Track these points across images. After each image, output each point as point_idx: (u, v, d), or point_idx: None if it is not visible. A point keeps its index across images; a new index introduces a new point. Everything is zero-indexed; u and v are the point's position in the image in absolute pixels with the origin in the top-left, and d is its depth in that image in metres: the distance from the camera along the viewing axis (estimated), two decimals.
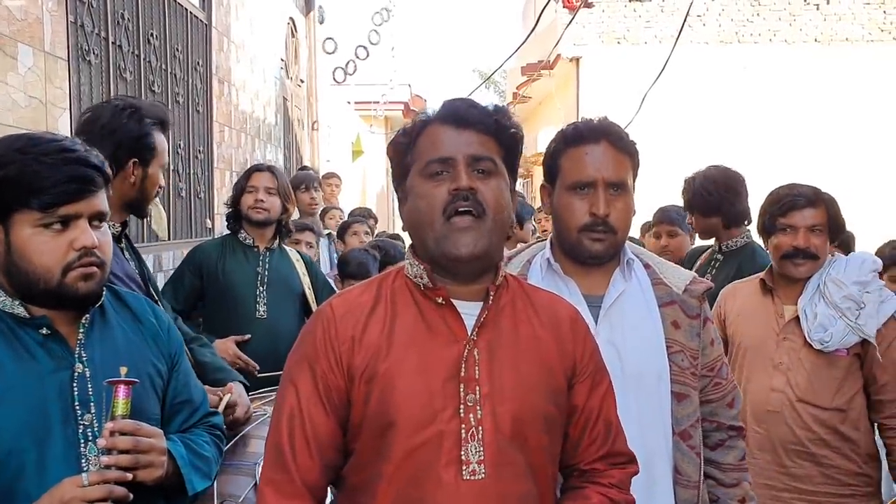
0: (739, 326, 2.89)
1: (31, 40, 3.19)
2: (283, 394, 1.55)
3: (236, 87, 6.86)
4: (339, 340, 1.51)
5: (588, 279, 1.93)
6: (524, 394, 1.51)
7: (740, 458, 2.02)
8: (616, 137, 1.90)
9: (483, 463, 1.46)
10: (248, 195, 3.63)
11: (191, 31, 5.70)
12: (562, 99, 14.84)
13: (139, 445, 1.58)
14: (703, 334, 1.96)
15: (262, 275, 3.61)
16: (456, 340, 1.51)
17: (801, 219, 2.72)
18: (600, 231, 1.87)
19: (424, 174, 1.52)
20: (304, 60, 10.44)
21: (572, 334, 1.62)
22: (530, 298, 1.63)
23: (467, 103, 1.56)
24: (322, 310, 1.57)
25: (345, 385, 1.50)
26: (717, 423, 2.01)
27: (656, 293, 1.94)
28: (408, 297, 1.55)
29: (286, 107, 9.14)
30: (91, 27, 3.93)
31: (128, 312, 1.80)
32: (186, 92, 5.60)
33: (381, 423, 1.47)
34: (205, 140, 6.03)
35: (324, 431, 1.50)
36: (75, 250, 1.60)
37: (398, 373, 1.48)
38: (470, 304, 1.54)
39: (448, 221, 1.49)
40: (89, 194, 1.62)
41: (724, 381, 2.02)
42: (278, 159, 8.55)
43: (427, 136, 1.55)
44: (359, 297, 1.57)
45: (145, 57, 4.77)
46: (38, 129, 3.25)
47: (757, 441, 2.75)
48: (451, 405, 1.47)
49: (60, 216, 1.59)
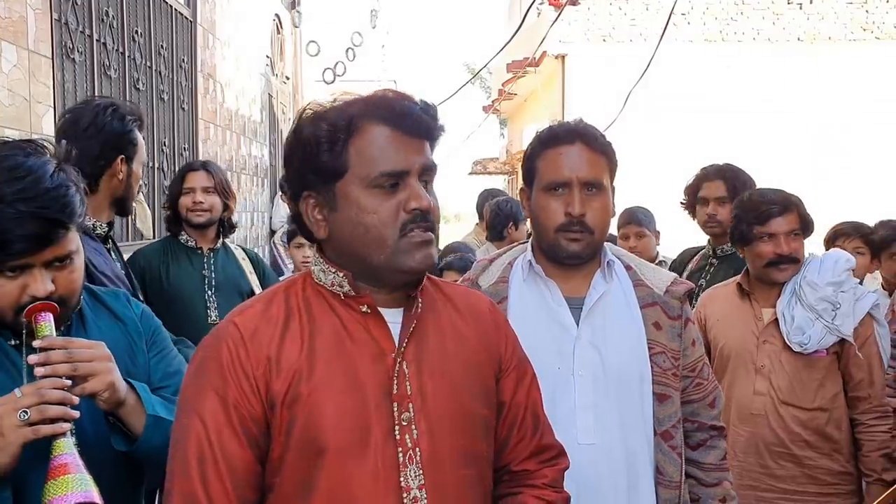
0: (720, 331, 2.91)
1: (15, 38, 3.17)
2: (186, 431, 1.32)
3: (221, 85, 6.84)
4: (253, 363, 1.32)
5: (569, 281, 1.94)
6: (459, 402, 1.40)
7: (721, 457, 2.03)
8: (591, 138, 1.91)
9: (424, 488, 1.34)
10: (186, 197, 3.48)
11: (176, 29, 5.68)
12: (547, 96, 14.87)
13: (73, 355, 1.48)
14: (684, 335, 1.97)
15: (210, 278, 3.50)
16: (383, 354, 1.37)
17: (779, 226, 2.74)
18: (576, 231, 1.88)
19: (372, 185, 1.34)
20: (290, 57, 10.42)
21: (494, 327, 1.53)
22: (447, 296, 1.51)
23: (417, 106, 1.38)
24: (224, 329, 1.36)
25: (262, 412, 1.32)
26: (698, 424, 2.02)
27: (637, 294, 1.95)
28: (324, 308, 1.39)
29: (272, 104, 9.12)
30: (75, 24, 3.92)
31: (106, 313, 1.76)
32: (171, 89, 5.58)
33: (307, 451, 1.31)
34: (190, 138, 6.01)
35: (241, 467, 1.31)
36: (28, 295, 1.52)
37: (324, 394, 1.32)
38: (392, 311, 1.40)
39: (404, 237, 1.35)
40: (50, 245, 1.52)
41: (705, 382, 2.03)
42: (263, 156, 8.54)
43: (370, 138, 1.35)
44: (266, 312, 1.38)
45: (130, 54, 4.75)
46: (23, 127, 3.24)
47: (741, 443, 2.77)
48: (386, 427, 1.33)
49: (10, 267, 1.50)
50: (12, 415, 1.42)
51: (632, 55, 11.26)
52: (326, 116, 1.37)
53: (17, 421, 1.41)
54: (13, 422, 1.41)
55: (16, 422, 1.41)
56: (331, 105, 1.39)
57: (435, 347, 1.42)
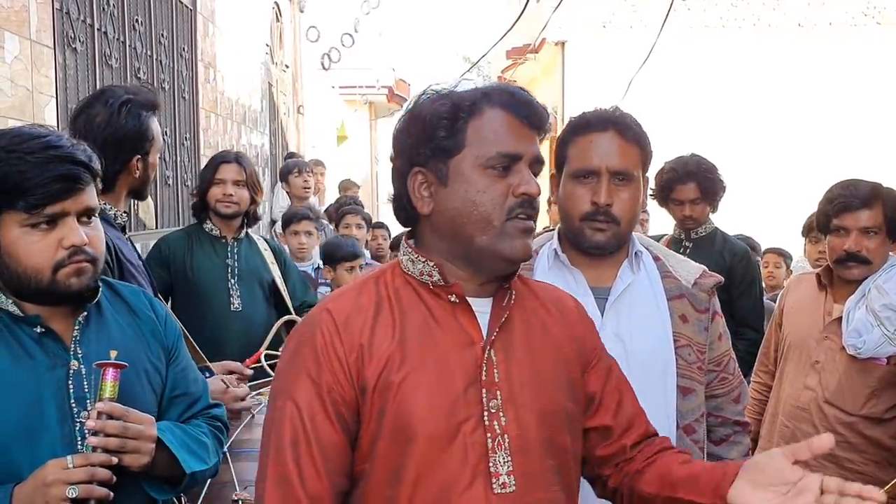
0: (791, 319, 2.83)
1: (17, 28, 3.15)
2: (281, 414, 1.36)
3: (222, 74, 6.80)
4: (346, 349, 1.36)
5: (595, 271, 1.91)
6: (545, 392, 1.42)
7: (744, 453, 2.01)
8: (624, 127, 1.87)
9: (512, 474, 1.35)
10: (216, 188, 3.51)
11: (176, 17, 5.65)
12: (547, 83, 14.81)
13: (127, 430, 1.55)
14: (711, 328, 1.94)
15: (233, 267, 3.53)
16: (472, 342, 1.39)
17: (854, 221, 2.61)
18: (602, 220, 1.84)
19: (487, 164, 1.38)
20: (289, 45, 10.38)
21: (581, 322, 1.56)
22: (532, 290, 1.55)
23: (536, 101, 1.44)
24: (318, 316, 1.40)
25: (354, 398, 1.35)
26: (722, 419, 2.00)
27: (665, 286, 1.91)
28: (413, 297, 1.42)
29: (271, 92, 9.09)
30: (76, 14, 3.89)
31: (124, 307, 1.78)
32: (172, 79, 5.55)
33: (398, 439, 1.34)
34: (191, 127, 5.99)
35: (334, 451, 1.35)
36: (64, 248, 1.57)
37: (415, 383, 1.35)
38: (480, 300, 1.43)
39: (509, 220, 1.38)
40: (76, 192, 1.58)
41: (730, 377, 2.00)
42: (263, 145, 8.51)
43: (490, 119, 1.39)
44: (357, 300, 1.41)
45: (131, 44, 4.72)
46: (25, 117, 3.22)
47: (785, 435, 2.72)
48: (475, 413, 1.36)
49: (47, 216, 1.56)
50: (61, 487, 1.47)
51: (632, 42, 11.21)
52: (450, 96, 1.41)
53: (63, 494, 1.46)
54: (60, 494, 1.46)
55: (62, 495, 1.46)
56: (454, 87, 1.44)
57: (521, 338, 1.44)
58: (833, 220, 2.66)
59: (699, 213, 3.73)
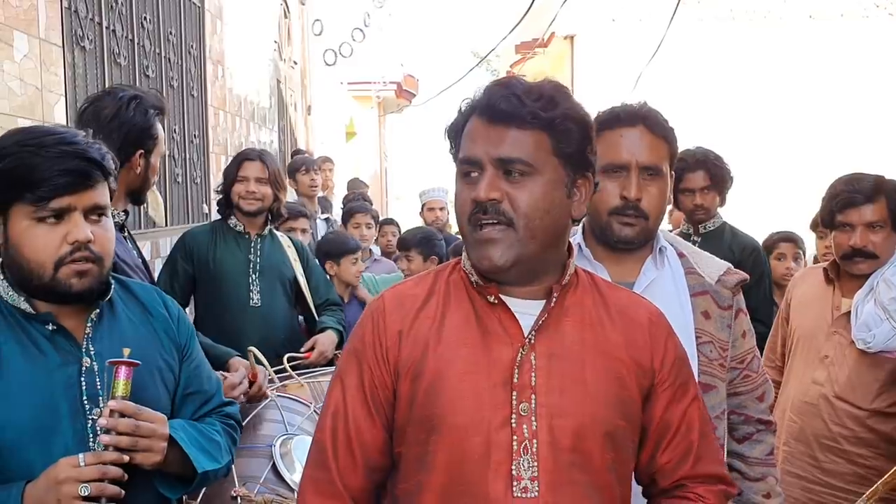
0: (798, 314, 2.81)
1: (26, 27, 3.16)
2: (332, 389, 1.47)
3: (230, 71, 6.81)
4: (387, 334, 1.41)
5: (619, 266, 1.90)
6: (589, 406, 1.37)
7: (768, 452, 1.99)
8: (653, 122, 1.87)
9: (536, 480, 1.33)
10: (239, 185, 3.55)
11: (184, 15, 5.65)
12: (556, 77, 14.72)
13: (139, 429, 1.56)
14: (734, 326, 1.93)
15: (255, 262, 3.55)
16: (511, 342, 1.37)
17: (859, 216, 2.59)
18: (631, 215, 1.84)
19: (459, 171, 1.42)
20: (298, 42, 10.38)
21: (651, 339, 1.46)
22: (604, 297, 1.48)
23: (505, 92, 1.36)
24: (374, 302, 1.49)
25: (391, 381, 1.41)
26: (745, 416, 1.98)
27: (688, 282, 1.90)
28: (462, 293, 1.44)
29: (280, 89, 9.09)
30: (85, 12, 3.90)
31: (137, 304, 1.78)
32: (180, 76, 5.55)
33: (425, 426, 1.36)
34: (200, 124, 5.99)
35: (367, 432, 1.41)
36: (68, 244, 1.57)
37: (445, 372, 1.36)
38: (529, 302, 1.41)
39: (474, 229, 1.38)
40: (84, 188, 1.59)
41: (754, 374, 1.98)
42: (272, 142, 8.52)
43: (467, 130, 1.41)
44: (412, 290, 1.47)
45: (139, 41, 4.73)
46: (35, 116, 3.23)
47: (793, 431, 2.70)
48: (502, 413, 1.34)
49: (53, 209, 1.56)
50: (73, 485, 1.48)
51: (641, 35, 11.16)
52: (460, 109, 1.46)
53: (75, 492, 1.48)
54: (72, 492, 1.48)
55: (74, 493, 1.48)
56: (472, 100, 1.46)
57: (572, 346, 1.40)
58: (837, 216, 2.64)
59: (710, 202, 3.70)
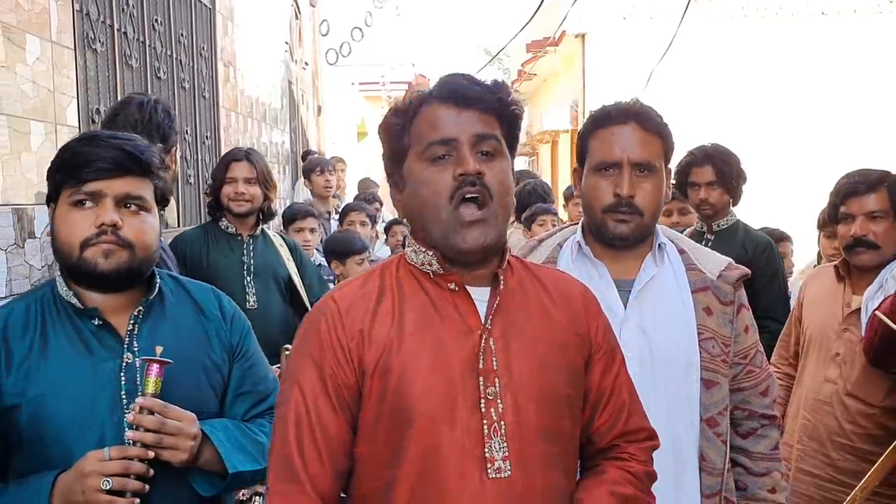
0: (809, 312, 2.81)
1: (38, 30, 3.18)
2: (287, 397, 1.44)
3: (242, 72, 6.83)
4: (348, 335, 1.42)
5: (619, 263, 1.91)
6: (544, 379, 1.44)
7: (772, 447, 1.99)
8: (645, 118, 1.88)
9: (508, 459, 1.38)
10: (228, 186, 3.54)
11: (195, 16, 5.67)
12: (567, 76, 14.74)
13: (164, 426, 1.60)
14: (736, 321, 1.93)
15: (248, 264, 3.53)
16: (470, 330, 1.42)
17: (859, 206, 2.60)
18: (625, 212, 1.85)
19: (425, 158, 1.43)
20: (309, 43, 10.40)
21: (585, 311, 1.55)
22: (537, 277, 1.56)
23: (468, 80, 1.46)
24: (324, 304, 1.48)
25: (356, 381, 1.41)
26: (749, 412, 1.98)
27: (689, 279, 1.91)
28: (415, 286, 1.47)
29: (291, 90, 9.11)
30: (96, 15, 3.92)
31: (191, 304, 1.83)
32: (192, 78, 5.58)
33: (397, 421, 1.39)
34: (211, 125, 6.02)
35: (335, 433, 1.41)
36: (95, 227, 1.65)
37: (413, 367, 1.39)
38: (479, 289, 1.46)
39: (455, 210, 1.40)
40: (115, 175, 1.67)
41: (757, 370, 1.98)
42: (284, 143, 8.54)
43: (425, 116, 1.45)
44: (362, 289, 1.48)
45: (150, 43, 4.75)
46: (47, 117, 3.25)
47: (807, 429, 2.69)
48: (471, 399, 1.39)
49: (86, 193, 1.66)
50: (97, 478, 1.54)
51: (653, 33, 11.12)
52: (396, 107, 1.50)
53: (98, 485, 1.53)
54: (95, 485, 1.54)
55: (97, 486, 1.53)
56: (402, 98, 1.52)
57: (522, 326, 1.47)
58: (840, 208, 2.66)
59: (716, 199, 3.68)
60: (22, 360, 1.65)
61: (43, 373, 1.64)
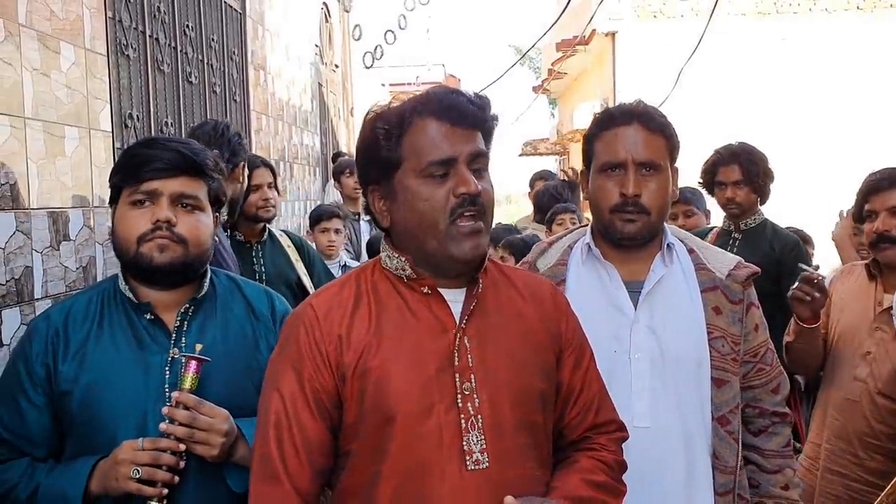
0: (839, 309, 2.77)
1: (72, 38, 3.25)
2: (267, 401, 1.50)
3: (272, 75, 6.91)
4: (326, 340, 1.47)
5: (629, 264, 1.93)
6: (518, 375, 1.51)
7: (784, 444, 2.00)
8: (648, 118, 1.90)
9: (486, 452, 1.45)
10: (254, 195, 3.49)
11: (225, 21, 5.75)
12: (598, 74, 14.68)
13: (196, 421, 1.67)
14: (746, 320, 1.94)
15: (260, 273, 3.50)
16: (445, 330, 1.49)
17: (882, 202, 2.60)
18: (631, 211, 1.87)
19: (423, 175, 1.46)
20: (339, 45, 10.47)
21: (556, 310, 1.62)
22: (509, 278, 1.62)
23: (465, 98, 1.49)
24: (302, 311, 1.53)
25: (334, 385, 1.47)
26: (760, 409, 1.99)
27: (699, 278, 1.92)
28: (390, 290, 1.52)
29: (322, 93, 9.19)
30: (129, 22, 4.00)
31: (244, 304, 1.90)
32: (223, 82, 5.66)
33: (378, 419, 1.44)
34: (243, 129, 6.09)
35: (313, 435, 1.46)
36: (151, 223, 1.74)
37: (391, 367, 1.45)
38: (453, 291, 1.52)
39: (454, 224, 1.46)
40: (170, 175, 1.76)
41: (767, 367, 1.99)
42: (314, 145, 8.61)
43: (420, 131, 1.47)
44: (337, 295, 1.53)
45: (182, 48, 4.83)
46: (81, 123, 3.32)
47: (835, 428, 2.67)
48: (448, 396, 1.45)
49: (143, 192, 1.75)
50: (128, 467, 1.63)
51: (683, 31, 11.04)
52: (383, 116, 1.51)
53: (129, 473, 1.63)
54: (126, 473, 1.63)
55: (128, 474, 1.63)
56: (388, 105, 1.53)
57: (496, 324, 1.53)
58: (865, 206, 2.65)
59: (743, 198, 3.66)
60: (78, 349, 1.75)
61: (95, 361, 1.74)
